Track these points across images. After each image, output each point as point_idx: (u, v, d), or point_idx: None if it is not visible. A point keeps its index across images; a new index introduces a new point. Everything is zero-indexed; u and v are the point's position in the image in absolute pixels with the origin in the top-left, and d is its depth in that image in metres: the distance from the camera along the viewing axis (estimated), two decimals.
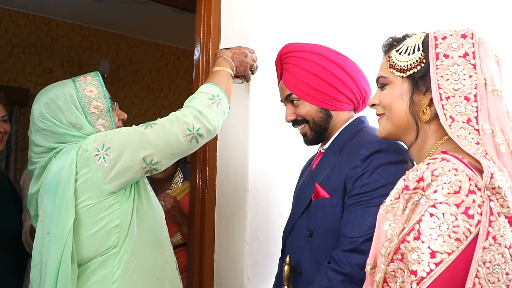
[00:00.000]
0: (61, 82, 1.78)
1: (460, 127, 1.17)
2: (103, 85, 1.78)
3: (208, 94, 1.78)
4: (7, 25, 4.93)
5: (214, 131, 1.78)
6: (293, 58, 1.81)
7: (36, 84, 5.04)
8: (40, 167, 1.73)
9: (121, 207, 1.65)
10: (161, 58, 5.87)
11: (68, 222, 1.58)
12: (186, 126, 1.69)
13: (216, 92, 1.80)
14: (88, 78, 1.77)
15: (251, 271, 2.15)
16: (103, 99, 1.75)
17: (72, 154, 1.63)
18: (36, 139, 1.72)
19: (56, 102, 1.70)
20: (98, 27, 5.42)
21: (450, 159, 1.09)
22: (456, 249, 1.01)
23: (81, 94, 1.72)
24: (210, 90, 1.80)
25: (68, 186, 1.60)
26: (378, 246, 1.18)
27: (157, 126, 1.68)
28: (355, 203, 1.58)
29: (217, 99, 1.78)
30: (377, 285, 1.13)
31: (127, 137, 1.65)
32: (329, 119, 1.78)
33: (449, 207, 1.03)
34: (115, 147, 1.63)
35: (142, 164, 1.64)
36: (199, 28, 2.37)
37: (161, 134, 1.67)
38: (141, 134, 1.66)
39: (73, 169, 1.61)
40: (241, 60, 2.00)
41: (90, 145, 1.63)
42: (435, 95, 1.21)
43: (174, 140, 1.67)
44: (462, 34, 1.25)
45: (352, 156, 1.64)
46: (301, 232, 1.73)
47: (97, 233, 1.62)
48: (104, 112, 1.74)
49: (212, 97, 1.77)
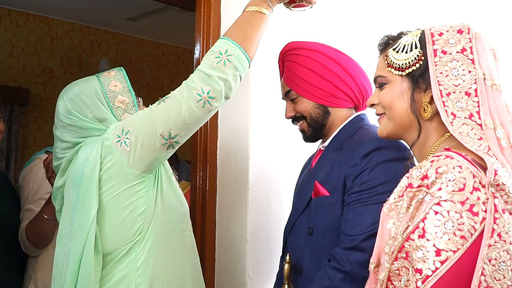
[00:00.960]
0: (85, 79, 1.76)
1: (462, 123, 1.16)
2: (127, 79, 1.75)
3: (215, 52, 1.65)
4: (7, 24, 4.93)
5: (227, 92, 1.65)
6: (293, 56, 1.83)
7: (36, 84, 5.04)
8: (66, 161, 1.71)
9: (147, 194, 1.63)
10: (161, 57, 5.86)
11: (91, 212, 1.57)
12: (195, 92, 1.61)
13: (225, 47, 1.65)
14: (112, 73, 1.75)
15: (252, 269, 2.15)
16: (128, 93, 1.72)
17: (98, 145, 1.61)
18: (61, 135, 1.71)
19: (81, 97, 1.68)
20: (98, 27, 5.41)
21: (454, 156, 1.08)
22: (462, 247, 1.01)
23: (105, 89, 1.70)
24: (219, 47, 1.66)
25: (93, 176, 1.59)
26: (381, 245, 1.17)
27: (169, 100, 1.63)
28: (355, 200, 1.57)
29: (224, 57, 1.63)
30: (381, 284, 1.12)
31: (143, 117, 1.62)
32: (327, 115, 1.78)
33: (454, 204, 1.02)
34: (133, 129, 1.60)
35: (161, 140, 1.60)
36: (199, 26, 2.37)
37: (173, 106, 1.61)
38: (155, 111, 1.62)
39: (98, 158, 1.60)
40: None
41: (111, 133, 1.62)
42: (436, 92, 1.20)
43: (187, 109, 1.60)
44: (458, 30, 1.24)
45: (352, 154, 1.63)
46: (302, 230, 1.72)
47: (123, 222, 1.61)
48: (130, 106, 1.71)
49: (219, 55, 1.64)
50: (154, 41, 5.79)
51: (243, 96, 2.22)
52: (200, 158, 2.24)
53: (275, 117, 2.25)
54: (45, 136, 4.90)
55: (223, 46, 1.65)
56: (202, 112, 1.62)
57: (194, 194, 2.26)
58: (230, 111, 2.27)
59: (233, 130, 2.19)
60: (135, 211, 1.61)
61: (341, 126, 1.78)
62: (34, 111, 4.98)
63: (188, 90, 1.62)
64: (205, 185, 2.22)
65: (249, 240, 2.14)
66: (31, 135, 4.96)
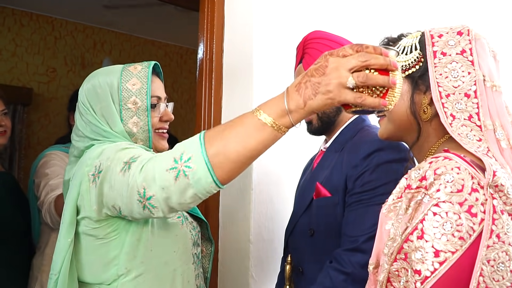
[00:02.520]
0: (110, 68, 1.64)
1: (461, 125, 1.16)
2: (149, 79, 1.59)
3: (176, 152, 1.22)
4: (10, 24, 4.94)
5: (172, 203, 1.24)
6: (318, 44, 1.78)
7: (39, 83, 5.05)
8: (73, 155, 1.62)
9: (119, 237, 1.47)
10: (164, 57, 5.87)
11: (67, 237, 1.46)
12: (137, 189, 1.27)
13: (188, 154, 1.19)
14: (138, 68, 1.61)
15: (256, 270, 2.15)
16: (143, 95, 1.57)
17: (86, 160, 1.49)
18: (77, 121, 1.61)
19: (96, 90, 1.58)
20: (101, 26, 5.42)
21: (453, 158, 1.08)
22: (460, 248, 1.01)
23: (123, 86, 1.57)
24: (182, 148, 1.21)
25: (72, 199, 1.48)
26: (380, 246, 1.18)
27: (128, 173, 1.31)
28: (356, 201, 1.57)
29: (180, 165, 1.19)
30: (381, 285, 1.12)
31: (110, 171, 1.38)
32: (339, 112, 1.77)
33: (452, 205, 1.02)
34: (103, 173, 1.40)
35: (114, 210, 1.41)
36: (203, 26, 2.38)
37: (123, 188, 1.32)
38: (116, 177, 1.35)
39: (79, 180, 1.47)
40: (312, 79, 1.13)
41: (91, 160, 1.46)
42: (435, 94, 1.20)
43: (129, 201, 1.31)
44: (458, 31, 1.25)
45: (353, 155, 1.63)
46: (303, 231, 1.72)
47: (96, 261, 1.48)
48: (141, 110, 1.57)
49: (175, 161, 1.20)
50: (157, 41, 5.80)
51: (246, 96, 2.22)
52: None
53: None
54: (49, 136, 4.91)
55: (187, 149, 1.20)
56: (144, 214, 1.31)
57: None
58: (233, 110, 2.27)
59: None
60: (107, 255, 1.47)
61: (343, 126, 1.77)
62: (38, 110, 4.99)
63: (133, 184, 1.28)
64: None
65: (252, 241, 2.14)
66: (34, 134, 4.97)
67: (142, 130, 1.59)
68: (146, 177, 1.24)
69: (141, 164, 1.28)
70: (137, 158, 1.33)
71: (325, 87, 1.10)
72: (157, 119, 1.64)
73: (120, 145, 1.46)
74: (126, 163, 1.34)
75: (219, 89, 2.34)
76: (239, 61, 2.30)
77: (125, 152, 1.41)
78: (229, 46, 2.35)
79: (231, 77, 2.32)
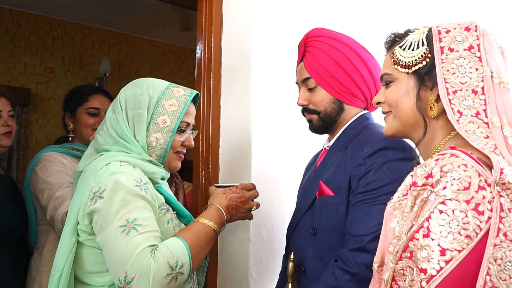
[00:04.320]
0: (157, 82, 1.75)
1: (468, 121, 1.15)
2: (186, 106, 1.71)
3: (172, 257, 1.50)
4: (8, 25, 4.92)
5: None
6: (319, 43, 1.76)
7: (37, 84, 5.04)
8: (93, 148, 1.74)
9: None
10: (163, 56, 5.85)
11: (72, 237, 1.57)
12: (124, 270, 1.46)
13: (182, 261, 1.51)
14: (181, 93, 1.73)
15: (255, 269, 2.14)
16: (175, 118, 1.69)
17: (94, 172, 1.59)
18: (108, 116, 1.73)
19: (137, 97, 1.69)
20: (99, 26, 5.41)
21: (459, 155, 1.07)
22: (467, 247, 0.99)
23: (161, 102, 1.69)
24: (176, 255, 1.51)
25: (78, 203, 1.58)
26: (385, 244, 1.16)
27: (126, 240, 1.48)
28: (360, 201, 1.56)
29: (176, 271, 1.49)
30: (386, 284, 1.11)
31: (108, 216, 1.51)
32: (341, 112, 1.76)
33: (459, 203, 1.01)
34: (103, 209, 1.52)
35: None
36: (201, 26, 2.36)
37: (116, 254, 1.49)
38: (111, 232, 1.50)
39: (84, 191, 1.58)
40: (236, 206, 1.77)
41: (100, 178, 1.56)
42: (442, 90, 1.19)
43: (113, 269, 1.51)
44: (465, 27, 1.23)
45: (356, 154, 1.62)
46: (305, 230, 1.71)
47: (97, 265, 1.58)
48: (167, 130, 1.69)
49: (172, 269, 1.48)
50: (155, 40, 5.79)
51: (245, 95, 2.21)
52: (202, 157, 2.24)
53: (277, 116, 2.24)
54: (47, 136, 4.90)
55: (180, 257, 1.51)
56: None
57: (196, 193, 2.26)
58: (232, 110, 2.26)
59: (235, 129, 2.18)
60: (104, 264, 1.56)
61: (346, 125, 1.76)
62: (36, 111, 4.97)
63: (125, 262, 1.47)
64: (207, 185, 2.21)
65: (252, 240, 2.13)
66: (32, 135, 4.96)
67: (160, 147, 1.70)
68: (142, 271, 1.44)
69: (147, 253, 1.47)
70: (136, 223, 1.50)
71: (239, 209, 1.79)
72: (179, 142, 1.75)
73: (127, 182, 1.55)
74: (127, 226, 1.49)
75: (218, 89, 2.33)
76: (238, 60, 2.29)
77: (131, 206, 1.53)
78: (227, 45, 2.34)
79: (230, 76, 2.31)
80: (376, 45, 1.56)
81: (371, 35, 2.11)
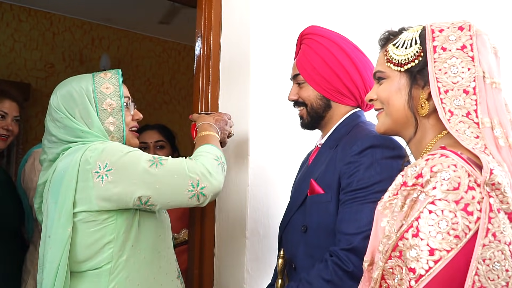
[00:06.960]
0: (81, 76, 1.81)
1: (459, 121, 1.15)
2: (120, 83, 1.78)
3: (213, 154, 1.73)
4: (9, 20, 4.93)
5: (218, 192, 1.70)
6: (310, 40, 1.79)
7: (37, 79, 5.04)
8: (48, 160, 1.75)
9: (116, 222, 1.63)
10: (162, 53, 5.85)
11: (67, 227, 1.58)
12: (190, 181, 1.62)
13: (219, 154, 1.76)
14: (108, 75, 1.79)
15: (251, 265, 2.15)
16: (117, 97, 1.76)
17: (76, 158, 1.61)
18: (50, 128, 1.74)
19: (72, 95, 1.73)
20: (99, 22, 5.41)
21: (449, 155, 1.07)
22: (455, 247, 0.99)
23: (97, 89, 1.74)
24: (214, 151, 1.75)
25: (68, 194, 1.59)
26: (375, 243, 1.17)
27: (163, 168, 1.62)
28: (350, 199, 1.55)
29: (221, 161, 1.74)
30: (375, 282, 1.11)
31: (131, 168, 1.60)
32: (328, 108, 1.77)
33: (448, 203, 1.01)
34: (116, 171, 1.58)
35: (137, 201, 1.60)
36: (200, 22, 2.37)
37: (164, 179, 1.61)
38: (145, 172, 1.60)
39: (74, 176, 1.59)
40: (221, 127, 1.99)
41: (93, 159, 1.59)
42: (434, 89, 1.19)
43: (174, 191, 1.62)
44: (459, 27, 1.23)
45: (346, 152, 1.61)
46: (297, 227, 1.71)
47: (92, 246, 1.61)
48: (116, 111, 1.75)
49: (217, 158, 1.72)
50: (155, 37, 5.79)
51: (242, 93, 2.22)
52: None
53: (275, 113, 2.25)
54: None
55: (217, 152, 1.76)
56: (188, 202, 1.65)
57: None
58: (229, 108, 2.27)
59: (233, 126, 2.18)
60: (103, 239, 1.61)
61: (338, 123, 1.76)
62: (35, 106, 4.98)
63: (184, 175, 1.62)
64: None
65: (248, 236, 2.14)
66: (32, 129, 4.97)
67: (118, 128, 1.76)
68: (201, 172, 1.63)
69: (182, 164, 1.64)
70: (162, 157, 1.64)
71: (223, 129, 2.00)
72: (130, 118, 1.83)
73: (119, 147, 1.64)
74: (153, 161, 1.62)
75: (216, 86, 2.33)
76: (236, 57, 2.29)
77: (135, 153, 1.63)
78: (226, 42, 2.34)
79: (228, 73, 2.31)
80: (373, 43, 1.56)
81: (368, 33, 2.11)
